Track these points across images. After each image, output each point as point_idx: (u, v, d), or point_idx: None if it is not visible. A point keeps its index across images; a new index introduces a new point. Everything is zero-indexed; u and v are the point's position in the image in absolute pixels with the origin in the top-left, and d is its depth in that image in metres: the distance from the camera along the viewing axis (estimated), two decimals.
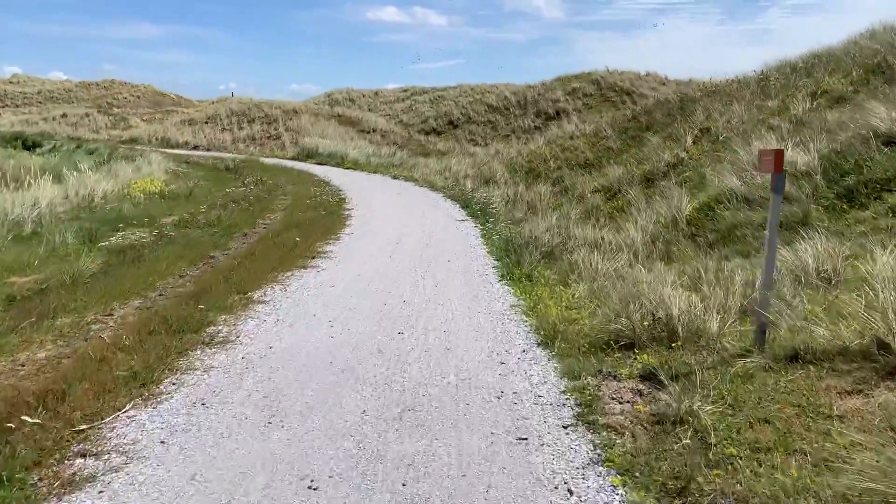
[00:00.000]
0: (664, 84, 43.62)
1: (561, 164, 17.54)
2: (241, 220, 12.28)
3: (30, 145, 34.43)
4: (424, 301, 6.93)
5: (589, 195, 13.78)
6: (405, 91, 65.86)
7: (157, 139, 39.41)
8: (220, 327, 5.94)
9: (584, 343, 5.49)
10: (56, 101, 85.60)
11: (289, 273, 8.16)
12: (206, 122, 41.45)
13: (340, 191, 17.68)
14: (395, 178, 21.86)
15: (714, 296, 5.92)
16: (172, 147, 37.22)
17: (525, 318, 6.35)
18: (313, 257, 9.08)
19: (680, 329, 5.38)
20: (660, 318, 5.58)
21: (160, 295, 7.11)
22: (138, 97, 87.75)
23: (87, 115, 50.41)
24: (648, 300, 5.72)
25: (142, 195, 14.42)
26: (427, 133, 42.65)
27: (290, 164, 27.82)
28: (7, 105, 78.93)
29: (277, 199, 15.74)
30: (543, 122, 40.30)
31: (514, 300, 7.04)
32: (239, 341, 5.58)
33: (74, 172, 16.69)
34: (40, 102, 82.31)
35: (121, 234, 10.44)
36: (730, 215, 8.66)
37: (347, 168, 26.15)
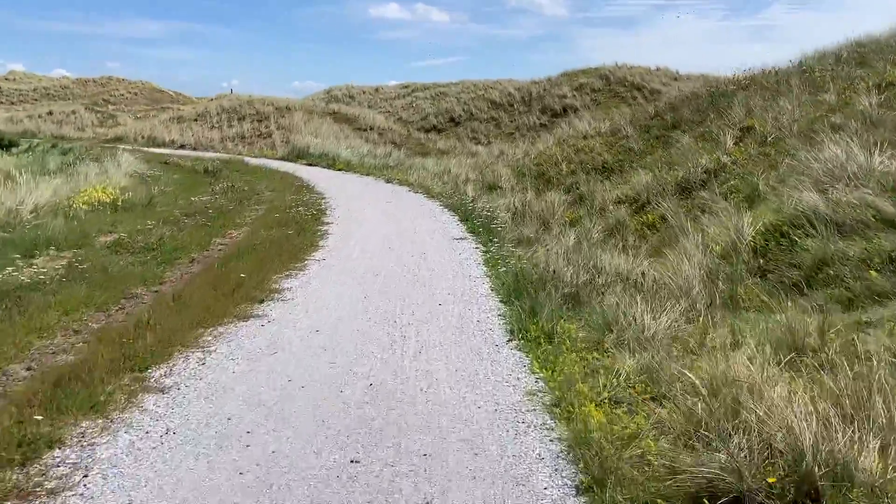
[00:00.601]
0: (675, 79, 41.29)
1: (575, 167, 15.33)
2: (194, 239, 10.07)
3: (6, 145, 32.28)
4: (400, 384, 4.71)
5: (611, 207, 11.55)
6: (406, 87, 63.63)
7: (143, 137, 37.22)
8: (57, 462, 3.68)
9: (654, 494, 3.27)
10: (52, 98, 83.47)
11: (221, 328, 5.94)
12: (196, 120, 39.25)
13: (323, 198, 15.49)
14: (388, 181, 19.64)
15: (853, 397, 3.71)
16: (158, 146, 35.03)
17: (550, 424, 4.13)
18: (262, 300, 6.85)
19: (818, 473, 3.16)
20: (779, 449, 3.37)
21: None
22: (135, 94, 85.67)
23: (73, 112, 48.26)
24: (754, 412, 3.50)
25: (86, 207, 12.22)
26: (427, 131, 40.42)
27: (276, 164, 25.60)
28: (2, 102, 76.94)
29: (248, 209, 13.54)
30: (550, 118, 38.03)
31: (532, 381, 4.82)
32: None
33: (25, 176, 14.55)
34: (35, 100, 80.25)
35: (28, 262, 8.24)
36: (816, 246, 6.43)
37: (339, 169, 23.92)
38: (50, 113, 47.49)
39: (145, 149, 32.77)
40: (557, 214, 11.69)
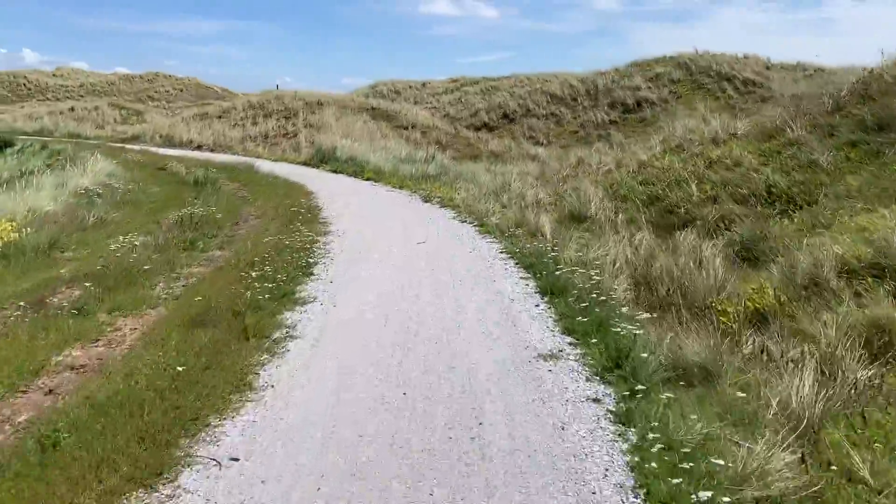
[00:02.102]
0: (768, 68, 34.95)
1: (716, 191, 9.76)
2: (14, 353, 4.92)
3: (1, 145, 28.06)
4: None
5: (832, 278, 5.89)
6: (454, 82, 58.36)
7: (161, 136, 32.70)
8: None
9: None
10: (98, 94, 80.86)
11: None
12: (220, 117, 34.60)
13: (326, 232, 10.30)
14: (426, 199, 14.29)
15: None
16: (175, 145, 30.43)
17: None
18: None
19: None
20: None
21: None
22: (181, 90, 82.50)
23: (96, 108, 44.27)
24: None
25: None
26: (477, 128, 34.94)
27: (293, 172, 20.52)
28: (48, 98, 74.36)
29: (193, 262, 8.32)
30: (621, 114, 32.16)
31: None
32: None
33: None
34: (81, 96, 77.80)
35: None
36: None
37: (367, 179, 18.69)
38: (72, 109, 43.58)
39: (155, 149, 28.16)
40: (722, 286, 6.21)
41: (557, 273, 6.97)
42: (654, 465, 3.37)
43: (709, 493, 3.00)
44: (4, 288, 6.70)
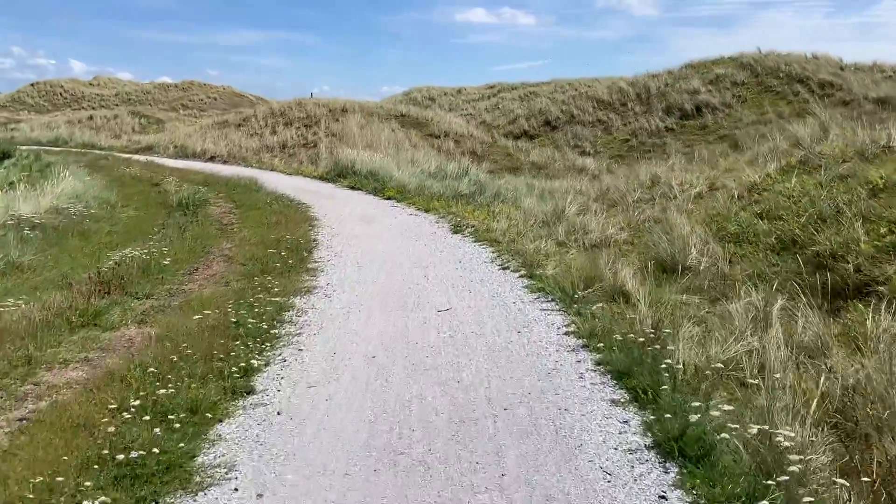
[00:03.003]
0: (842, 69, 31.01)
1: (887, 240, 6.38)
2: None
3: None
4: None
5: None
6: (491, 88, 55.33)
7: (175, 146, 30.14)
8: None
9: None
10: (132, 102, 79.66)
11: None
12: (239, 126, 31.92)
13: (306, 293, 7.10)
14: (456, 229, 11.07)
15: None
16: (187, 156, 27.80)
17: None
18: None
19: None
20: None
21: None
22: (215, 98, 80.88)
23: (115, 117, 42.09)
24: None
25: None
26: (517, 137, 31.64)
27: (305, 187, 17.51)
28: (82, 108, 73.25)
29: (61, 361, 5.19)
30: (678, 120, 28.55)
31: None
32: None
33: None
34: (116, 104, 76.75)
35: None
36: None
37: (388, 198, 15.57)
38: (90, 118, 41.44)
39: (164, 161, 25.48)
40: None
41: (689, 415, 3.67)
42: None
43: None
44: None
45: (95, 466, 3.23)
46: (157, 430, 3.61)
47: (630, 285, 6.43)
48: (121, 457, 3.27)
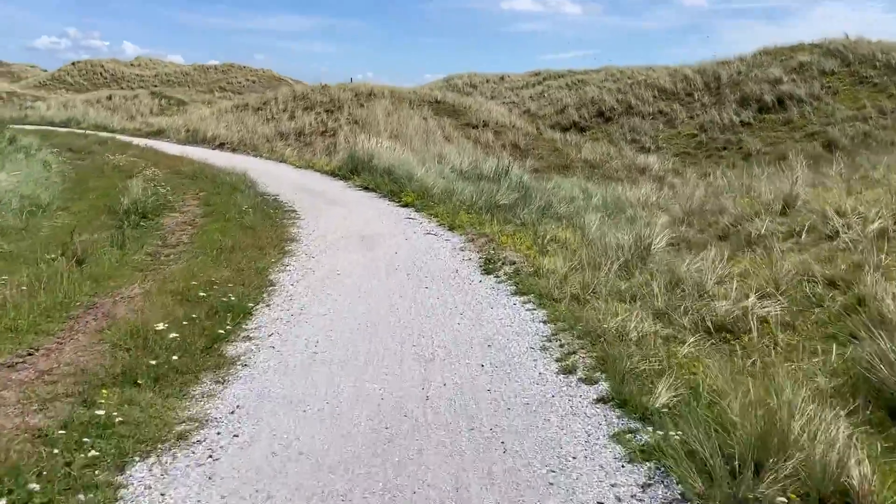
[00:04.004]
0: None
1: None
2: None
3: None
4: None
5: None
6: (536, 75, 51.27)
7: (188, 131, 27.03)
8: None
9: None
10: (171, 84, 78.11)
11: None
12: (259, 110, 28.67)
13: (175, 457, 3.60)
14: (489, 268, 7.48)
15: None
16: (197, 142, 24.67)
17: None
18: None
19: None
20: None
21: None
22: (253, 81, 78.71)
23: (135, 97, 39.32)
24: None
25: None
26: (565, 129, 27.78)
27: (310, 185, 14.10)
28: (121, 87, 71.46)
29: None
30: (756, 113, 24.34)
31: None
32: None
33: None
34: (155, 86, 75.07)
35: None
36: None
37: (405, 204, 12.07)
38: (109, 98, 38.73)
39: (167, 147, 22.37)
40: None
41: None
42: None
43: None
44: None
45: None
46: None
47: (857, 475, 2.83)
48: None
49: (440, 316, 5.80)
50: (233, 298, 5.69)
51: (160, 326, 4.76)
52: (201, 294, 5.81)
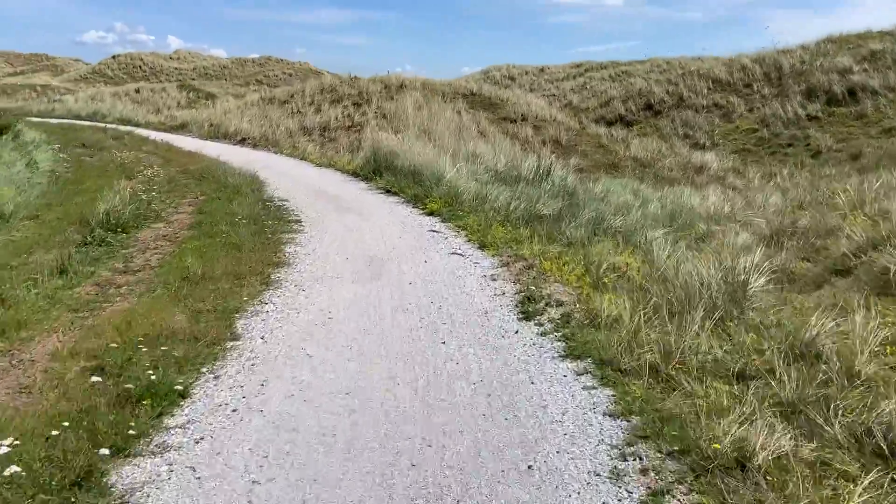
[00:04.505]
0: None
1: None
2: None
3: None
4: None
5: None
6: (577, 67, 49.01)
7: (211, 125, 25.66)
8: None
9: None
10: (209, 77, 78.12)
11: None
12: (285, 103, 27.17)
13: None
14: (528, 311, 5.67)
15: None
16: (219, 137, 23.27)
17: None
18: None
19: None
20: None
21: None
22: (290, 74, 78.02)
23: (163, 90, 38.23)
24: None
25: None
26: (610, 123, 25.66)
27: (325, 187, 12.43)
28: (160, 80, 71.22)
29: None
30: (824, 106, 21.91)
31: None
32: None
33: None
34: (193, 79, 74.96)
35: None
36: None
37: (429, 212, 10.31)
38: (137, 91, 37.72)
39: (185, 143, 20.97)
40: None
41: None
42: None
43: None
44: None
45: None
46: None
47: None
48: None
49: (459, 399, 4.00)
50: (160, 374, 3.95)
51: (7, 443, 3.04)
52: (123, 360, 4.11)
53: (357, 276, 6.68)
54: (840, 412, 3.40)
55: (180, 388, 3.85)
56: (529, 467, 3.25)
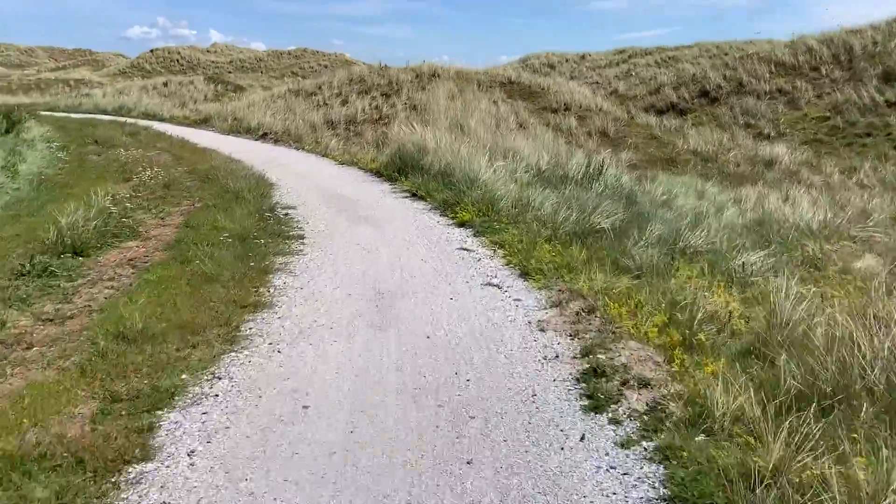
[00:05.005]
0: None
1: None
2: None
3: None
4: None
5: None
6: (620, 53, 46.63)
7: (234, 119, 24.22)
8: None
9: None
10: (244, 70, 77.52)
11: None
12: (313, 95, 25.59)
13: None
14: (595, 396, 3.87)
15: None
16: (240, 132, 21.80)
17: None
18: None
19: None
20: None
21: None
22: (325, 66, 76.91)
23: (191, 83, 37.02)
24: None
25: None
26: (661, 111, 23.47)
27: (342, 191, 10.72)
28: (197, 73, 70.77)
29: None
30: None
31: None
32: None
33: None
34: (229, 72, 74.45)
35: None
36: None
37: (460, 223, 8.54)
38: (165, 84, 36.58)
39: (202, 137, 19.57)
40: None
41: None
42: None
43: None
44: None
45: None
46: None
47: None
48: None
49: None
50: None
51: None
52: None
53: (357, 324, 4.94)
54: None
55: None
56: None
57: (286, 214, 9.01)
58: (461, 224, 8.67)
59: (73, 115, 27.81)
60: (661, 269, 5.92)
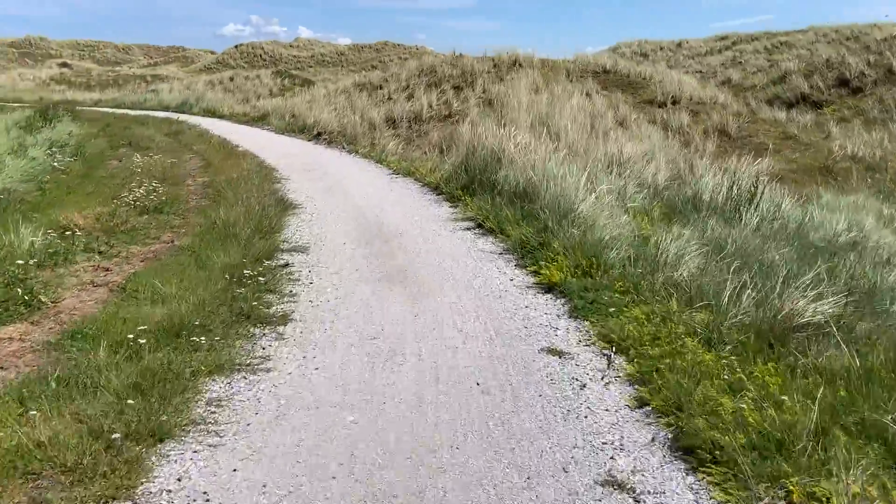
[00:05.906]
0: None
1: None
2: None
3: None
4: None
5: None
6: (722, 39, 41.70)
7: (292, 116, 21.71)
8: None
9: None
10: (325, 64, 76.54)
11: None
12: (379, 88, 22.79)
13: None
14: None
15: None
16: (295, 131, 19.23)
17: None
18: None
19: None
20: None
21: None
22: (405, 59, 74.73)
23: (257, 77, 34.94)
24: None
25: None
26: (789, 104, 19.33)
27: (388, 217, 7.72)
28: (279, 69, 70.06)
29: None
30: None
31: None
32: None
33: None
34: (310, 66, 73.72)
35: None
36: None
37: (546, 286, 5.39)
38: (231, 79, 34.70)
39: (251, 136, 17.08)
40: None
41: None
42: None
43: None
44: None
45: None
46: None
47: None
48: None
49: None
50: None
51: None
52: None
53: None
54: None
55: None
56: None
57: (285, 265, 6.03)
58: (547, 288, 5.47)
59: (131, 112, 26.10)
60: None
